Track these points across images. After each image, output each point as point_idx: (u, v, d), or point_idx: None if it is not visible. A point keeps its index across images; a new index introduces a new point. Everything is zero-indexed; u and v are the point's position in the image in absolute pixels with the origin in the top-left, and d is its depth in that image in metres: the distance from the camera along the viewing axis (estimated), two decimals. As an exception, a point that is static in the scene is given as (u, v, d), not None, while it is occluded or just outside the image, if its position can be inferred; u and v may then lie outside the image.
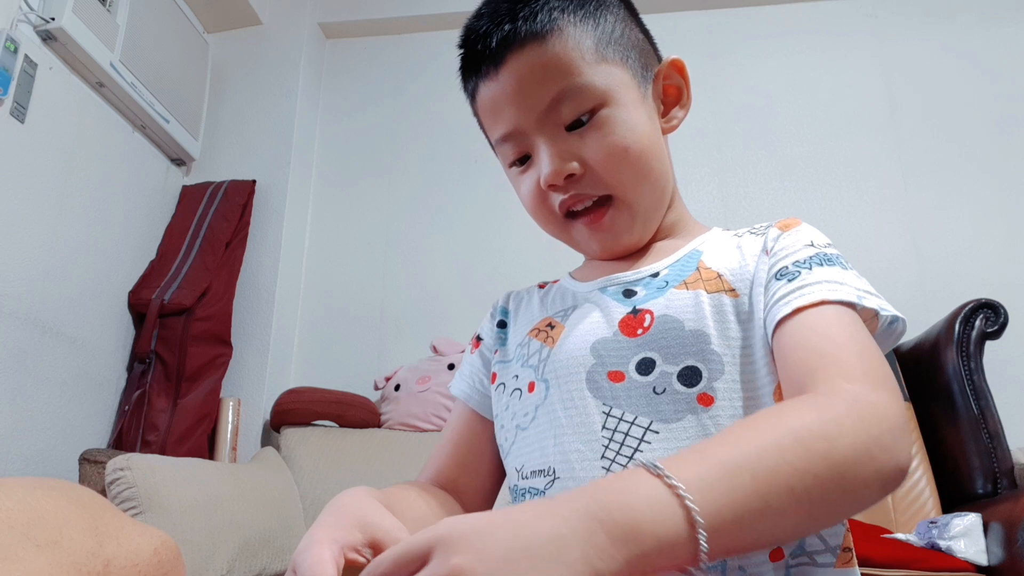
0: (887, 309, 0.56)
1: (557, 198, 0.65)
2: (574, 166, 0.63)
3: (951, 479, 1.61)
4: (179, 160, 2.25)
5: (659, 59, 0.71)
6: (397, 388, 1.96)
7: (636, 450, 0.56)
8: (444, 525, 0.37)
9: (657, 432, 0.56)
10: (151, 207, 2.12)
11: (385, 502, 0.50)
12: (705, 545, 0.39)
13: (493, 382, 0.72)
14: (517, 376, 0.68)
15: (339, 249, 2.35)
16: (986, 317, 1.57)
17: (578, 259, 0.77)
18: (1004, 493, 1.46)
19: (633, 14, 0.70)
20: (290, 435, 1.89)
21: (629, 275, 0.66)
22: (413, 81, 2.48)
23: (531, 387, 0.66)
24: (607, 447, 0.57)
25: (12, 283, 1.61)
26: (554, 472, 0.60)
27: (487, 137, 0.72)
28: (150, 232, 2.10)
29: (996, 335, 1.57)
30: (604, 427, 0.58)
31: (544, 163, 0.63)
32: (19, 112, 1.62)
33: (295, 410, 1.93)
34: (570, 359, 0.62)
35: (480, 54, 0.66)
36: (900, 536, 1.44)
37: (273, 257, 2.18)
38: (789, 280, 0.57)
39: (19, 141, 1.63)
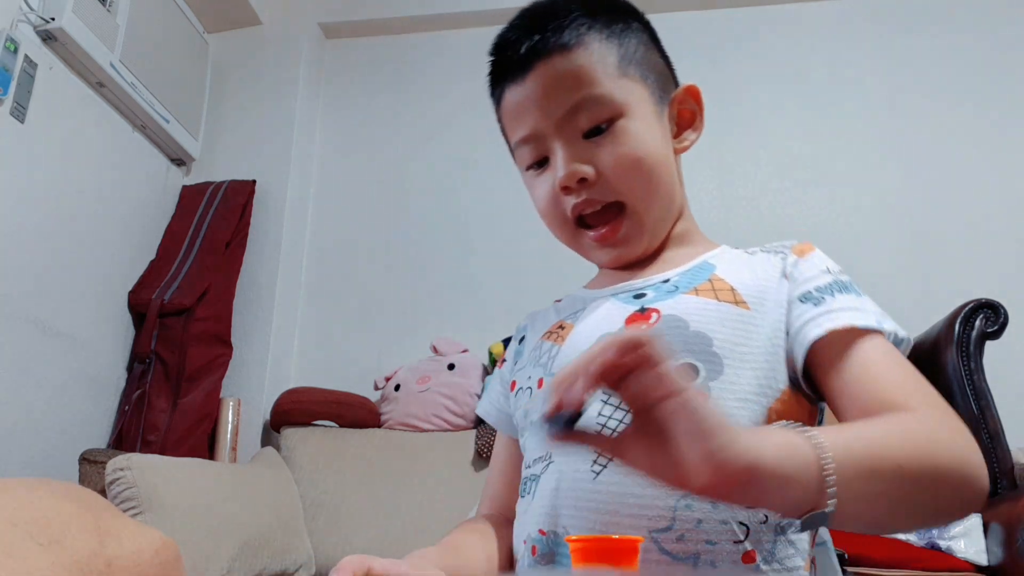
0: (900, 331, 0.60)
1: (569, 202, 0.68)
2: (588, 170, 0.66)
3: (951, 479, 1.61)
4: (179, 160, 2.25)
5: (676, 84, 0.75)
6: (397, 388, 1.96)
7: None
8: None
9: None
10: (151, 207, 2.12)
11: (453, 562, 0.58)
12: (832, 479, 0.44)
13: (512, 389, 0.75)
14: (529, 376, 0.71)
15: (339, 249, 2.35)
16: (986, 317, 1.57)
17: (578, 259, 0.78)
18: (1004, 493, 1.46)
19: (655, 40, 0.74)
20: (290, 435, 1.89)
21: (639, 281, 0.70)
22: (413, 81, 2.47)
23: (540, 383, 0.69)
24: (600, 432, 0.58)
25: (12, 283, 1.61)
26: (550, 456, 0.63)
27: (508, 142, 0.75)
28: (150, 232, 2.10)
29: (996, 335, 1.57)
30: (600, 413, 0.60)
31: (559, 166, 0.67)
32: (19, 112, 1.62)
33: (295, 410, 1.92)
34: (575, 351, 0.65)
35: (509, 60, 0.70)
36: (900, 536, 1.44)
37: (273, 257, 2.18)
38: (815, 304, 0.61)
39: (19, 141, 1.63)
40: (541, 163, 0.70)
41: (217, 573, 1.33)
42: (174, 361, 1.92)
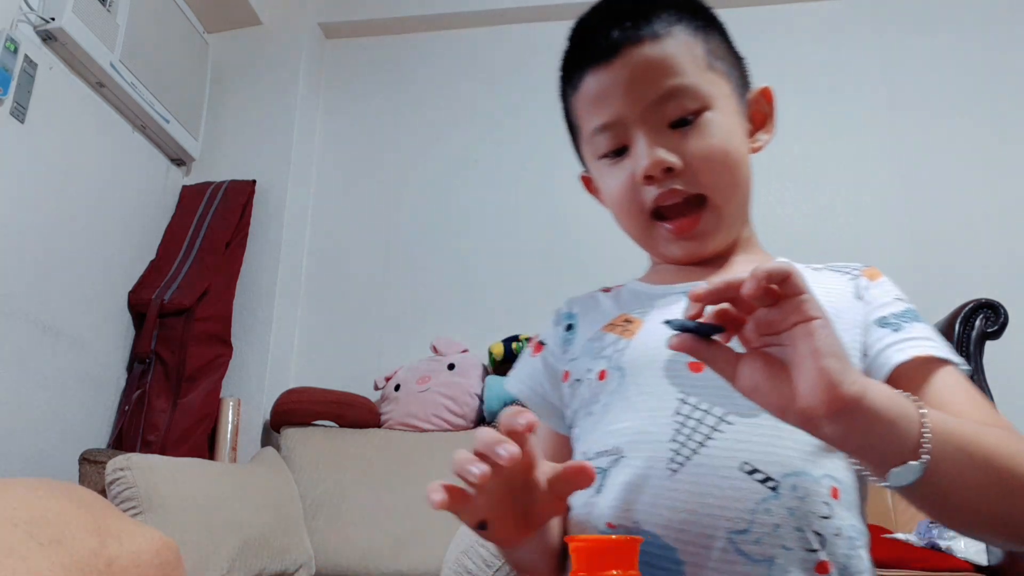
0: (963, 364, 0.62)
1: (650, 192, 0.66)
2: (674, 159, 0.65)
3: (951, 479, 1.60)
4: (179, 160, 2.25)
5: (749, 86, 0.75)
6: (397, 388, 1.96)
7: (708, 437, 0.58)
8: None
9: (731, 423, 0.58)
10: (151, 207, 2.12)
11: None
12: (928, 435, 0.45)
13: (565, 380, 0.73)
14: (589, 369, 0.69)
15: (339, 249, 2.35)
16: (986, 317, 1.57)
17: (577, 260, 0.78)
18: (1004, 493, 1.46)
19: (732, 42, 0.75)
20: (290, 435, 1.89)
21: (715, 279, 0.68)
22: (413, 81, 2.47)
23: (602, 375, 0.66)
24: (679, 431, 0.59)
25: (12, 283, 1.61)
26: (620, 451, 0.61)
27: (577, 131, 0.74)
28: (150, 232, 2.10)
29: (996, 335, 1.57)
30: (678, 412, 0.59)
31: (643, 154, 0.65)
32: (19, 112, 1.62)
33: (295, 410, 1.92)
34: (649, 349, 0.64)
35: (596, 44, 0.68)
36: (900, 536, 1.44)
37: (273, 257, 2.18)
38: (894, 330, 0.62)
39: (19, 141, 1.63)
40: (618, 152, 0.68)
41: (217, 573, 1.33)
42: (174, 361, 1.92)
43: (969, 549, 1.34)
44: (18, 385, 1.61)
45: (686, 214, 0.67)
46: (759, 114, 0.74)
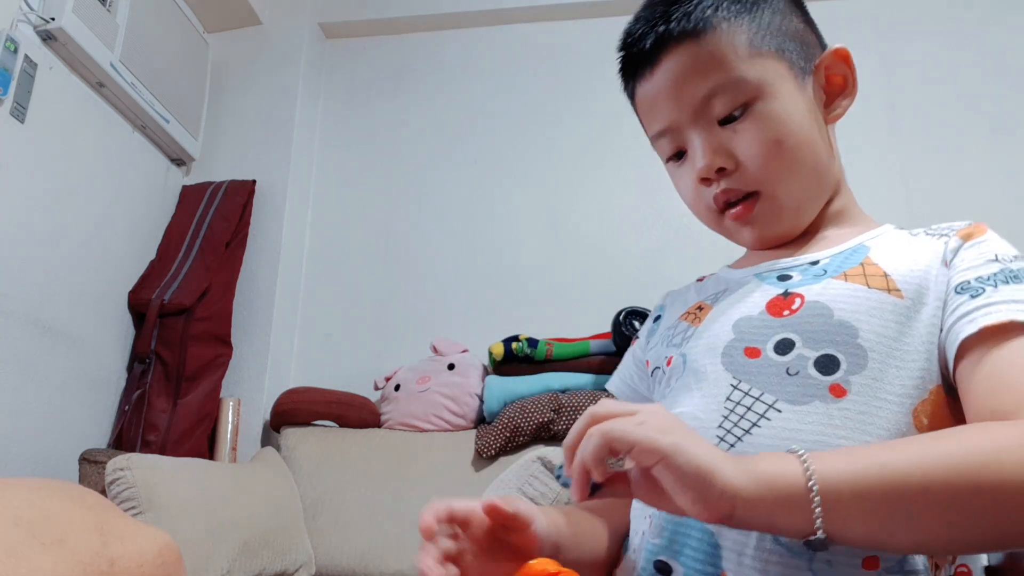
0: None
1: (711, 192, 0.67)
2: (724, 160, 0.65)
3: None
4: (179, 160, 2.25)
5: (823, 47, 0.71)
6: (397, 388, 1.97)
7: (755, 424, 0.57)
8: (649, 406, 0.49)
9: (780, 411, 0.56)
10: (151, 207, 2.12)
11: (575, 530, 0.60)
12: (818, 510, 0.43)
13: (648, 367, 0.74)
14: (662, 356, 0.70)
15: (339, 249, 2.35)
16: (986, 317, 1.57)
17: (578, 260, 0.78)
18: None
19: (795, 4, 0.70)
20: (290, 435, 1.89)
21: (787, 261, 0.67)
22: (413, 81, 2.48)
23: (669, 361, 0.68)
24: (727, 417, 0.58)
25: (12, 283, 1.61)
26: None
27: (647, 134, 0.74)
28: (150, 232, 2.10)
29: (996, 335, 1.57)
30: (728, 398, 0.59)
31: (697, 158, 0.66)
32: (19, 112, 1.62)
33: (295, 410, 1.93)
34: (711, 335, 0.64)
35: (637, 56, 0.68)
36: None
37: (273, 257, 2.18)
38: (972, 296, 0.55)
39: (19, 141, 1.63)
40: (680, 155, 0.69)
41: (217, 573, 1.33)
42: (174, 361, 1.92)
43: (969, 549, 1.34)
44: (18, 385, 1.61)
45: (742, 203, 0.67)
46: (835, 78, 0.70)
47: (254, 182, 2.21)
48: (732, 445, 0.57)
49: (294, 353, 2.24)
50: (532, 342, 1.90)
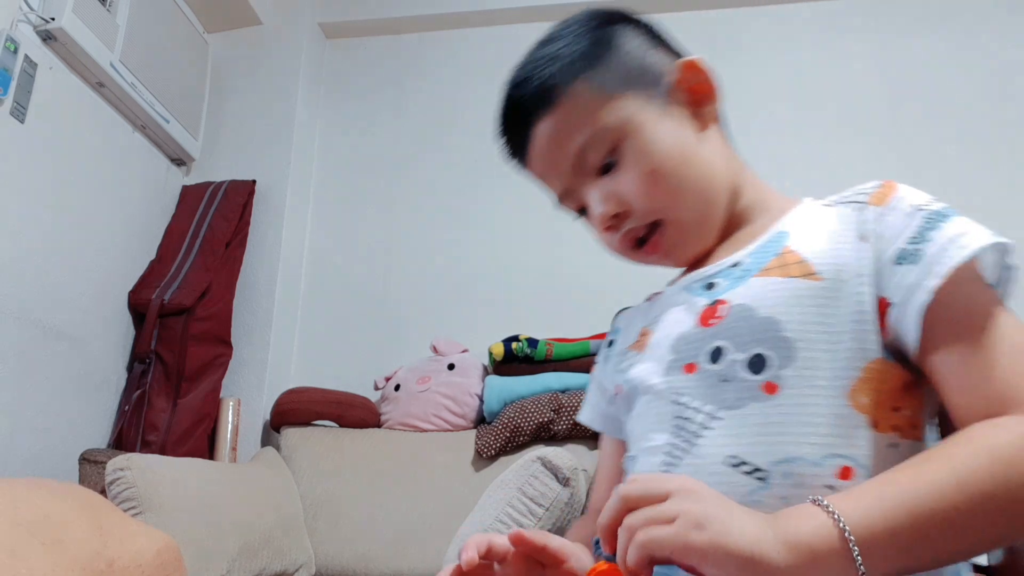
0: (996, 245, 0.55)
1: (618, 236, 0.69)
2: (615, 206, 0.67)
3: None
4: (179, 160, 2.25)
5: (678, 55, 0.72)
6: (397, 388, 1.96)
7: (698, 436, 0.58)
8: (682, 479, 0.49)
9: (721, 419, 0.57)
10: (151, 207, 2.12)
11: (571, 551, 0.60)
12: (859, 560, 0.45)
13: (616, 394, 0.76)
14: (614, 383, 0.73)
15: (339, 249, 2.35)
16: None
17: (579, 259, 0.79)
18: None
19: (641, 31, 0.72)
20: (290, 435, 1.89)
21: (710, 268, 0.67)
22: (413, 81, 2.48)
23: (618, 390, 0.70)
24: (675, 435, 0.60)
25: (12, 283, 1.61)
26: (635, 459, 0.65)
27: None
28: (150, 232, 2.10)
29: (996, 335, 1.57)
30: (674, 415, 0.60)
31: (592, 210, 0.69)
32: (19, 112, 1.62)
33: (295, 410, 1.93)
34: (653, 359, 0.65)
35: (510, 143, 0.73)
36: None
37: (273, 257, 2.18)
38: (913, 262, 0.55)
39: (19, 141, 1.63)
40: (584, 210, 0.72)
41: (217, 573, 1.33)
42: (174, 361, 1.92)
43: (969, 549, 1.34)
44: (18, 385, 1.61)
45: (651, 236, 0.69)
46: (695, 87, 0.70)
47: (254, 182, 2.21)
48: (680, 459, 0.58)
49: (294, 353, 2.24)
50: (532, 342, 1.90)
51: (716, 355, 0.60)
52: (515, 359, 1.90)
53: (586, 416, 0.82)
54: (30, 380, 1.64)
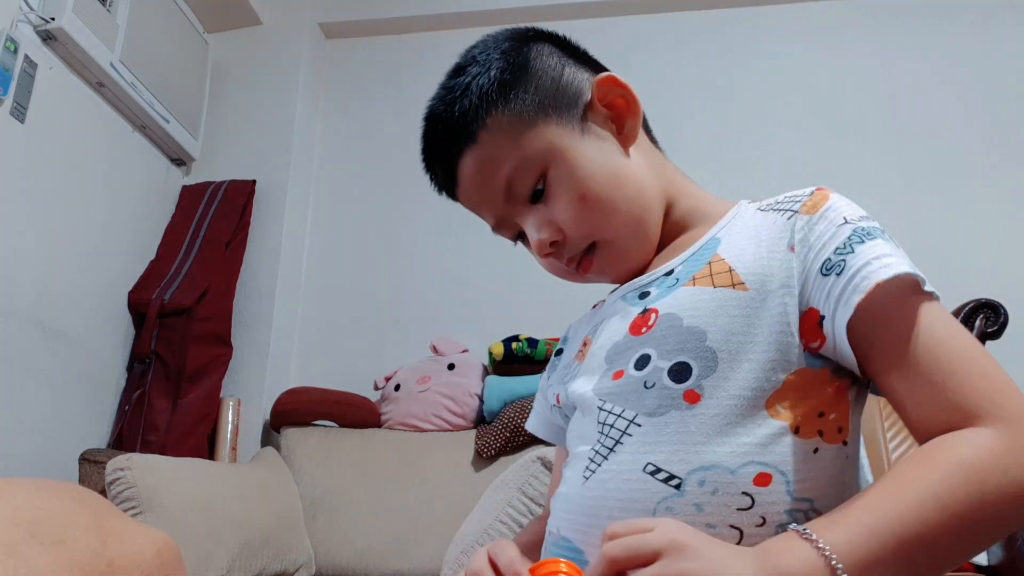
0: (915, 276, 0.55)
1: (558, 262, 0.70)
2: (552, 234, 0.67)
3: (951, 479, 1.60)
4: (179, 160, 2.25)
5: (596, 69, 0.72)
6: (397, 388, 1.97)
7: (617, 442, 0.58)
8: (667, 531, 0.48)
9: (640, 425, 0.57)
10: (151, 207, 2.12)
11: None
12: None
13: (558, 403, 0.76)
14: (555, 393, 0.73)
15: (339, 249, 2.35)
16: (986, 317, 1.57)
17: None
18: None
19: (558, 49, 0.71)
20: (290, 435, 1.89)
21: (645, 278, 0.67)
22: (413, 81, 2.48)
23: (558, 399, 0.71)
24: (598, 440, 0.59)
25: (12, 283, 1.61)
26: (568, 466, 0.64)
27: None
28: (150, 232, 2.10)
29: (996, 335, 1.57)
30: (598, 421, 0.60)
31: (530, 237, 0.69)
32: (19, 112, 1.62)
33: (295, 410, 1.93)
34: (589, 368, 0.65)
35: (438, 176, 0.75)
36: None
37: (273, 257, 2.18)
38: (837, 274, 0.55)
39: (19, 141, 1.63)
40: (520, 235, 0.73)
41: (217, 573, 1.33)
42: (174, 361, 1.92)
43: (969, 549, 1.34)
44: (18, 385, 1.61)
45: (587, 257, 0.69)
46: (616, 102, 0.69)
47: (254, 182, 2.21)
48: (600, 464, 0.58)
49: (294, 353, 2.24)
50: (532, 342, 1.90)
51: (641, 362, 0.59)
52: (515, 359, 1.90)
53: (532, 424, 0.82)
54: (30, 380, 1.64)
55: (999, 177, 2.09)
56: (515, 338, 1.91)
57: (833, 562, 0.45)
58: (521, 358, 1.89)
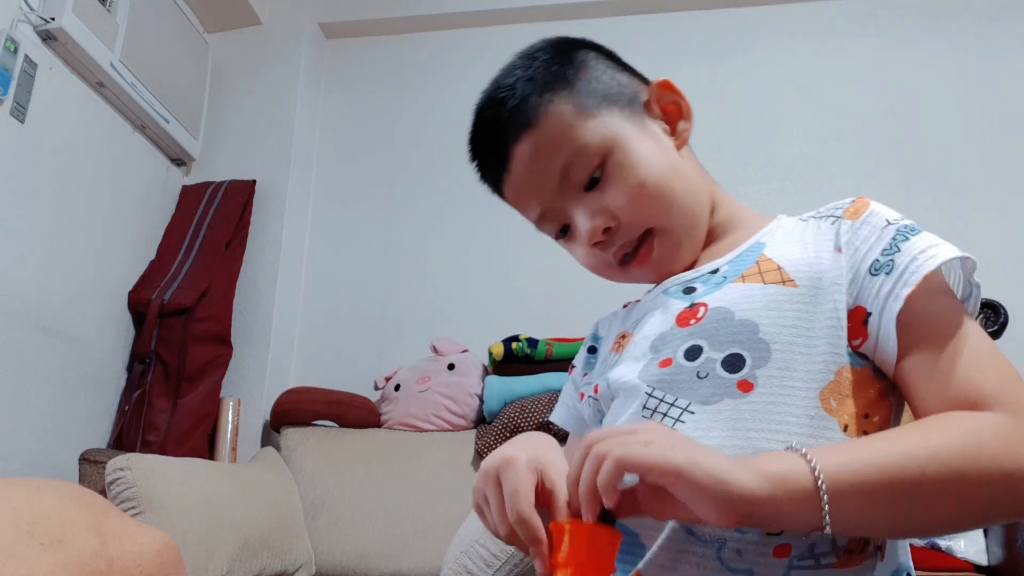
0: (960, 262, 0.59)
1: (608, 251, 0.70)
2: (606, 220, 0.67)
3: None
4: (179, 160, 2.25)
5: (646, 82, 0.74)
6: (397, 388, 1.96)
7: (671, 428, 0.58)
8: (645, 424, 0.51)
9: (693, 412, 0.58)
10: (151, 207, 2.12)
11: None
12: (827, 506, 0.46)
13: (582, 400, 0.76)
14: (593, 385, 0.73)
15: (339, 249, 2.35)
16: (986, 317, 1.57)
17: (575, 260, 0.78)
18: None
19: (608, 57, 0.74)
20: (290, 435, 1.89)
21: (690, 274, 0.69)
22: (413, 81, 2.48)
23: (596, 389, 0.70)
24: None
25: (12, 283, 1.61)
26: None
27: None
28: (150, 232, 2.10)
29: (996, 335, 1.57)
30: (645, 407, 0.61)
31: (579, 227, 0.69)
32: (19, 112, 1.62)
33: (295, 410, 1.93)
34: (631, 357, 0.66)
35: (488, 162, 0.75)
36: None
37: (273, 257, 2.18)
38: (887, 273, 0.58)
39: (19, 141, 1.63)
40: (565, 229, 0.72)
41: (217, 573, 1.33)
42: (174, 361, 1.92)
43: (969, 549, 1.35)
44: (18, 385, 1.61)
45: (641, 248, 0.69)
46: (669, 107, 0.73)
47: (254, 182, 2.21)
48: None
49: (294, 353, 2.24)
50: (532, 342, 1.90)
51: (692, 353, 0.61)
52: (515, 359, 1.90)
53: (559, 416, 0.82)
54: (30, 380, 1.64)
55: (999, 177, 2.09)
56: (515, 338, 1.91)
57: (815, 469, 0.47)
58: (521, 358, 1.89)
